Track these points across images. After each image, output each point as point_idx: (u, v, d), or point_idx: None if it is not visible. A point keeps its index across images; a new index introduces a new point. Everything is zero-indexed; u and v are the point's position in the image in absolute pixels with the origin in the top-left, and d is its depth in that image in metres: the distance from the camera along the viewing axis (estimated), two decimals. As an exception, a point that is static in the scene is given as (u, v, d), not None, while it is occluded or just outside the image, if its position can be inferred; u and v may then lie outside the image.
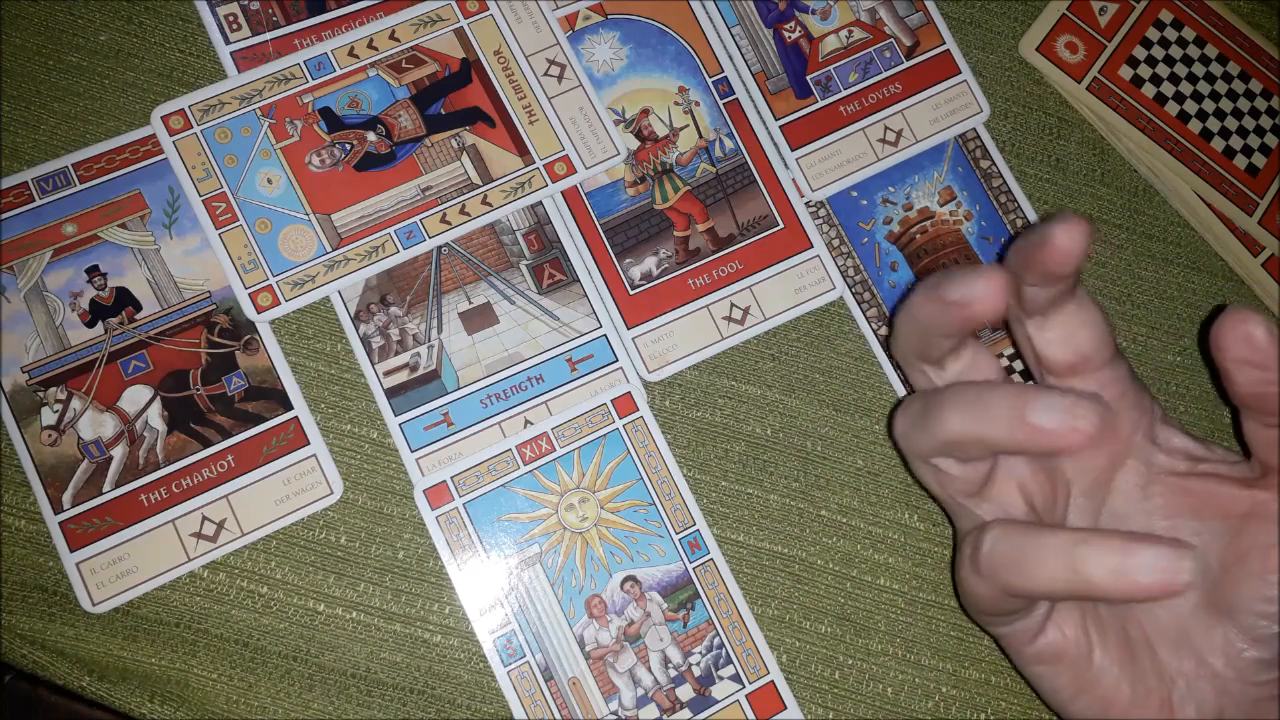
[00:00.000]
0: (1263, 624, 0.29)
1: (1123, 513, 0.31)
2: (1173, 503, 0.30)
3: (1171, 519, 0.30)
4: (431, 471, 0.34)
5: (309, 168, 0.35)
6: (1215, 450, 0.31)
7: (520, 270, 0.36)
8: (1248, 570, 0.29)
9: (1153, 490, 0.31)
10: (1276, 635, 0.29)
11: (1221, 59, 0.42)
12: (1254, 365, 0.27)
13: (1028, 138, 0.41)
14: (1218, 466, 0.30)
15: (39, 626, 0.32)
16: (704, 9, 0.39)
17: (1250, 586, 0.29)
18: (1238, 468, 0.30)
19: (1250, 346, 0.27)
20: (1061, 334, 0.30)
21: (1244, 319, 0.27)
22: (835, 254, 0.38)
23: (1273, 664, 0.29)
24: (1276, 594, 0.28)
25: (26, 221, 0.34)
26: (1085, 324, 0.30)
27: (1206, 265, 0.41)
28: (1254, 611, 0.29)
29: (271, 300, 0.34)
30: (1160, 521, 0.30)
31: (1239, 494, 0.30)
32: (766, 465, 0.36)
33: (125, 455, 0.33)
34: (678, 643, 0.34)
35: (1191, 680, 0.30)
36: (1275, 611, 0.28)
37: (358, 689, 0.33)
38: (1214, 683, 0.29)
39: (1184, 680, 0.30)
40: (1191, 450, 0.31)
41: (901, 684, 0.35)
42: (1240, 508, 0.29)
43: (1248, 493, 0.29)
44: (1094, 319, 0.30)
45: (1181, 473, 0.30)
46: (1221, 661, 0.29)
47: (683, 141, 0.38)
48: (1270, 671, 0.29)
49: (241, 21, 0.37)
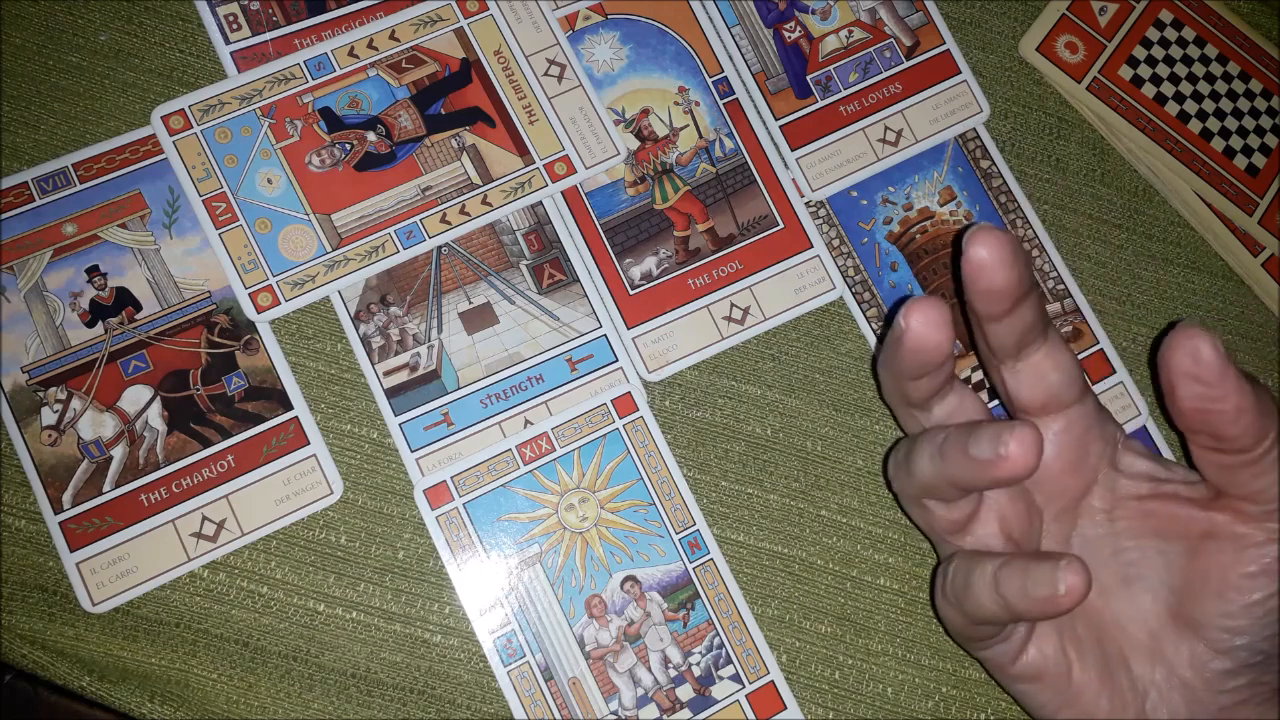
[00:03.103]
0: (1225, 637, 0.30)
1: (1091, 536, 0.32)
2: (1136, 525, 0.32)
3: (1136, 540, 0.32)
4: (431, 471, 0.34)
5: (309, 168, 0.35)
6: (1176, 470, 0.32)
7: (520, 270, 0.36)
8: (1209, 588, 0.30)
9: (1118, 514, 0.32)
10: (1238, 647, 0.30)
11: (1221, 59, 0.42)
12: (1198, 381, 0.28)
13: (1028, 138, 0.41)
14: (1178, 488, 0.31)
15: (39, 626, 0.32)
16: (704, 9, 0.39)
17: (1212, 604, 0.30)
18: (1196, 488, 0.31)
19: (1196, 360, 0.28)
20: (1032, 377, 0.31)
21: (1192, 333, 0.28)
22: (835, 254, 0.38)
23: (1237, 672, 0.30)
24: (1235, 609, 0.30)
25: (26, 221, 0.34)
26: (1055, 367, 0.31)
27: (1206, 265, 0.41)
28: (1217, 626, 0.30)
29: (271, 300, 0.34)
30: (1126, 542, 0.32)
31: (1196, 515, 0.31)
32: (766, 465, 0.36)
33: (125, 455, 0.33)
34: (678, 643, 0.34)
35: (1163, 690, 0.31)
36: (1235, 625, 0.30)
37: (358, 689, 0.33)
38: (1184, 692, 0.31)
39: (1156, 690, 0.31)
40: (1153, 472, 0.32)
41: (901, 684, 0.35)
42: (1198, 528, 0.31)
43: (1204, 514, 0.31)
44: (1064, 362, 0.31)
45: (1144, 495, 0.32)
46: (1190, 672, 0.31)
47: (683, 141, 0.38)
48: (1235, 679, 0.30)
49: (241, 21, 0.37)
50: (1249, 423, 0.28)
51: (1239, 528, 0.30)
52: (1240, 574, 0.30)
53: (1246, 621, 0.30)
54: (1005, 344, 0.30)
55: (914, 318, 0.28)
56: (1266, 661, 0.30)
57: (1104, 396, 0.37)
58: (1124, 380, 0.38)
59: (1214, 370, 0.27)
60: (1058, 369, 0.30)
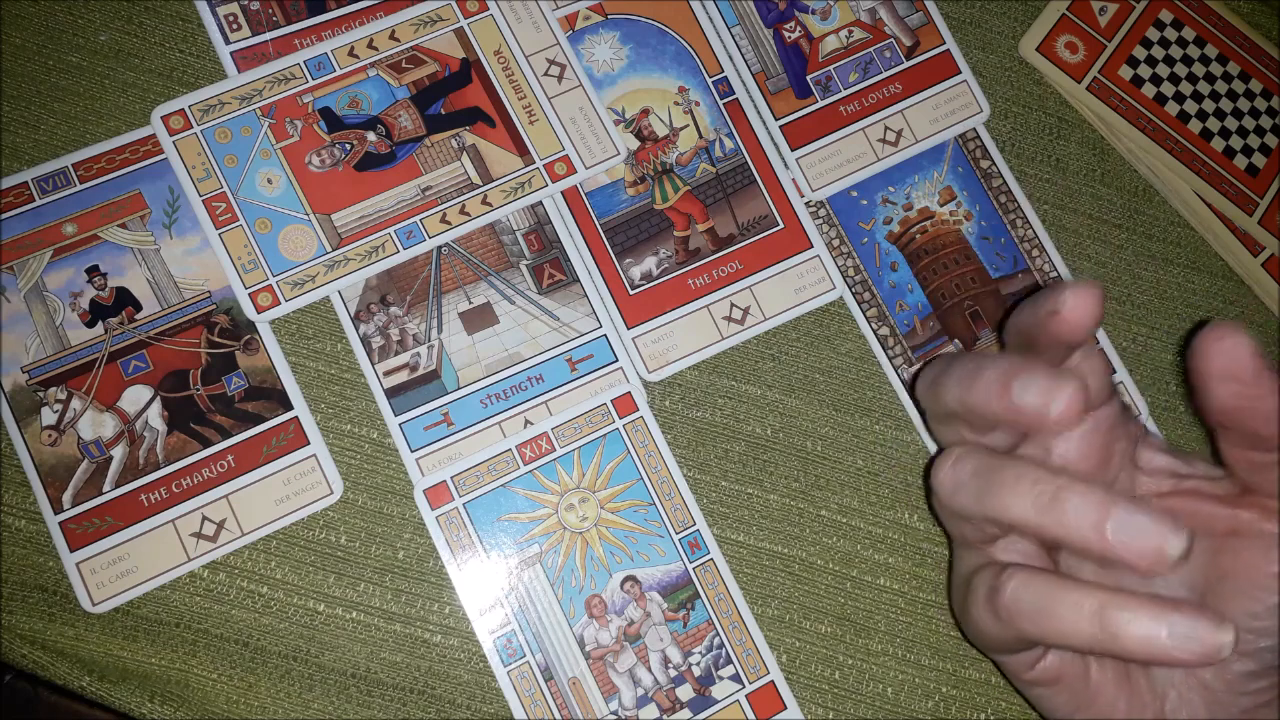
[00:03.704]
0: (1249, 638, 0.29)
1: None
2: None
3: None
4: (431, 471, 0.34)
5: (309, 168, 0.35)
6: (1197, 465, 0.31)
7: (520, 270, 0.36)
8: (1233, 587, 0.29)
9: None
10: (1262, 648, 0.29)
11: (1221, 59, 0.42)
12: (1235, 379, 0.27)
13: (1028, 138, 0.41)
14: (1200, 484, 0.31)
15: (39, 626, 0.32)
16: (704, 9, 0.39)
17: (1236, 603, 0.29)
18: (1219, 484, 0.31)
19: (1233, 360, 0.27)
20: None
21: (1229, 331, 0.27)
22: (835, 254, 0.38)
23: (1260, 674, 0.29)
24: (1261, 610, 0.29)
25: (26, 221, 0.34)
26: (1091, 373, 0.30)
27: (1206, 265, 0.41)
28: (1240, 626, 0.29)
29: (271, 300, 0.34)
30: None
31: (1221, 512, 0.30)
32: (766, 465, 0.36)
33: (125, 455, 0.33)
34: (678, 643, 0.34)
35: (1183, 691, 0.30)
36: (1261, 626, 0.29)
37: (358, 689, 0.33)
38: (1204, 693, 0.30)
39: (1175, 691, 0.30)
40: (1174, 468, 0.31)
41: (901, 684, 0.35)
42: (1223, 525, 0.30)
43: (1229, 511, 0.30)
44: (1099, 368, 0.30)
45: (1166, 492, 0.31)
46: (1211, 673, 0.30)
47: (683, 141, 0.38)
48: (1257, 681, 0.30)
49: (241, 21, 0.37)
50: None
51: (1267, 525, 0.29)
52: (1267, 572, 0.29)
53: (1271, 622, 0.29)
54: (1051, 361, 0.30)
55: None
56: None
57: (1104, 396, 0.38)
58: (1124, 380, 0.38)
59: (1252, 370, 0.27)
60: (1092, 374, 0.30)
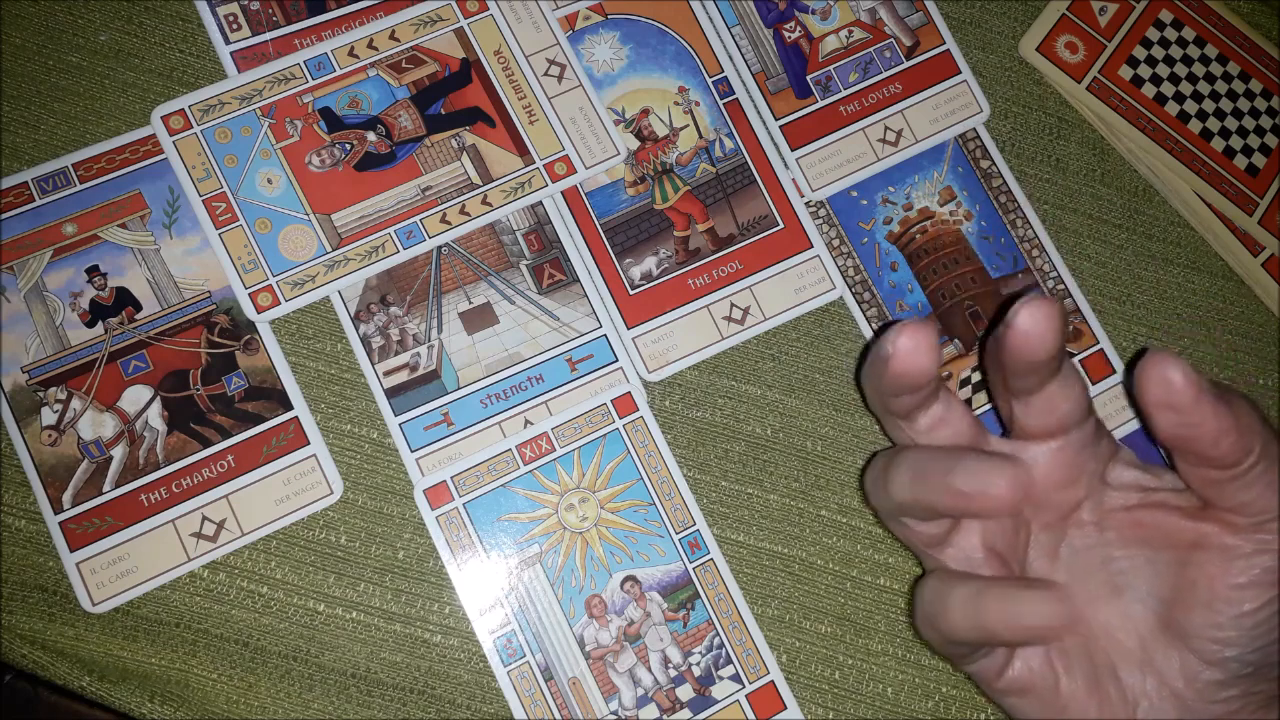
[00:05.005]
0: (1214, 648, 0.30)
1: (1080, 546, 0.32)
2: (1126, 535, 0.31)
3: (1126, 549, 0.31)
4: (431, 471, 0.34)
5: (309, 168, 0.35)
6: (1165, 478, 0.32)
7: (520, 270, 0.36)
8: (1197, 598, 0.30)
9: (1107, 524, 0.32)
10: (1228, 658, 0.30)
11: (1221, 59, 0.42)
12: (1172, 409, 0.28)
13: (1028, 138, 0.41)
14: (1166, 496, 0.31)
15: (39, 626, 0.32)
16: (704, 9, 0.39)
17: (1201, 614, 0.30)
18: (1184, 496, 0.31)
19: (1168, 390, 0.27)
20: (1044, 408, 0.30)
21: (1162, 362, 0.27)
22: (835, 254, 0.38)
23: (1228, 683, 0.30)
24: (1224, 620, 0.29)
25: (26, 221, 0.34)
26: (1067, 398, 0.30)
27: (1206, 265, 0.41)
28: (1206, 637, 0.30)
29: (271, 300, 0.34)
30: (1116, 552, 0.32)
31: (1185, 525, 0.30)
32: (766, 465, 0.36)
33: (125, 455, 0.33)
34: (678, 643, 0.34)
35: (1154, 700, 0.30)
36: (1225, 637, 0.29)
37: (358, 689, 0.33)
38: (1175, 702, 0.30)
39: (1147, 700, 0.31)
40: (1142, 482, 0.32)
41: (901, 684, 0.35)
42: (1187, 538, 0.30)
43: (1193, 524, 0.30)
44: (1075, 392, 0.30)
45: (1133, 505, 0.31)
46: (1181, 682, 0.30)
47: (683, 141, 0.38)
48: (1227, 690, 0.30)
49: (241, 21, 0.37)
50: (1230, 443, 0.28)
51: (1227, 539, 0.29)
52: (1228, 585, 0.29)
53: (1235, 633, 0.29)
54: (1025, 388, 0.30)
55: (901, 341, 0.28)
56: (1258, 672, 0.30)
57: (1103, 397, 0.37)
58: (1124, 381, 0.38)
59: (1187, 397, 0.27)
60: (1069, 399, 0.30)
